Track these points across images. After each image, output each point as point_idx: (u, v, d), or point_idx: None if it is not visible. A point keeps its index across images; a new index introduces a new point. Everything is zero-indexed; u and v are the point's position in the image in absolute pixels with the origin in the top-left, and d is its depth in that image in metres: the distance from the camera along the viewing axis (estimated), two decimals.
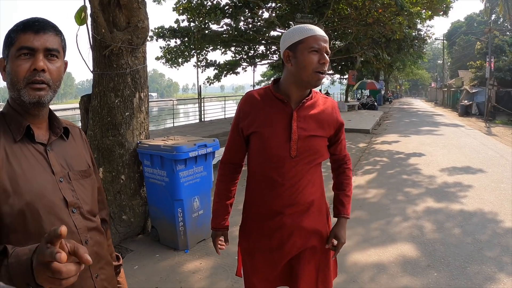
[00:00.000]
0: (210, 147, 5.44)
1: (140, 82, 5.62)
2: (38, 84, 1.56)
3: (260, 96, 2.38)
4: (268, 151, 2.28)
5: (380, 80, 48.01)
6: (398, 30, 17.43)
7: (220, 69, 25.61)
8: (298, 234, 2.36)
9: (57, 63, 1.63)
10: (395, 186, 8.86)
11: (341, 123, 2.49)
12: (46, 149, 1.67)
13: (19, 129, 1.61)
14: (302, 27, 2.24)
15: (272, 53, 26.45)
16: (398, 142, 15.74)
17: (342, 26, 20.22)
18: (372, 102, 36.68)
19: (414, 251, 5.34)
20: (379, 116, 27.33)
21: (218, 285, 4.50)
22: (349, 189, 2.64)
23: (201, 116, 23.91)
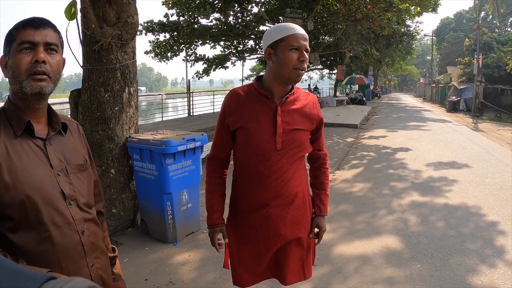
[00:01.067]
0: (199, 141, 5.50)
1: (130, 77, 5.66)
2: (40, 75, 1.64)
3: (245, 92, 2.46)
4: (255, 145, 2.36)
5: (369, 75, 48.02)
6: (387, 26, 17.47)
7: (209, 64, 25.53)
8: (283, 226, 2.44)
9: (57, 56, 1.72)
10: (381, 180, 8.98)
11: (322, 118, 2.58)
12: (45, 144, 1.74)
13: (20, 124, 1.68)
14: (283, 26, 2.33)
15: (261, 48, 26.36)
16: (386, 137, 15.88)
17: (331, 21, 20.19)
18: (360, 97, 36.76)
19: (398, 243, 5.45)
20: (367, 111, 27.45)
21: (207, 276, 4.58)
22: (328, 188, 2.77)
23: (190, 110, 23.88)
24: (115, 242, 5.36)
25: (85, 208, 1.82)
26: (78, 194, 1.79)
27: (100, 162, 5.49)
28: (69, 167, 1.81)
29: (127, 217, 5.87)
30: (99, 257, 1.88)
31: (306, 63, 2.32)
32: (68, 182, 1.77)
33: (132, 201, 5.89)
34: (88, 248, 1.79)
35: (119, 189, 5.73)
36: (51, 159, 1.73)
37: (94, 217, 1.89)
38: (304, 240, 2.55)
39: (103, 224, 2.12)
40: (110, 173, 5.60)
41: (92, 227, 1.85)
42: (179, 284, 4.43)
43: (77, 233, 1.73)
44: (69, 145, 1.88)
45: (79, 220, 1.75)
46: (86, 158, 1.96)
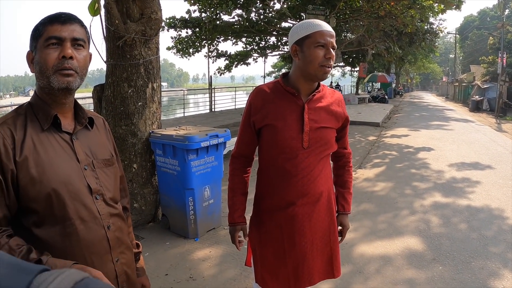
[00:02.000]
0: (222, 137, 5.50)
1: (153, 73, 5.68)
2: (67, 70, 1.62)
3: (270, 89, 2.43)
4: (282, 143, 2.33)
5: (391, 73, 47.64)
6: (410, 24, 17.29)
7: (231, 60, 25.60)
8: (309, 225, 2.42)
9: (84, 52, 1.70)
10: (404, 180, 8.87)
11: (347, 117, 2.56)
12: (72, 138, 1.74)
13: (47, 118, 1.67)
14: (309, 22, 2.30)
15: (283, 44, 26.35)
16: (408, 136, 15.68)
17: (353, 18, 20.04)
18: (382, 95, 36.40)
19: (420, 245, 5.38)
20: (389, 110, 27.17)
21: (227, 273, 4.57)
22: (352, 186, 2.77)
23: (211, 106, 23.91)
24: (136, 236, 5.37)
25: (111, 203, 1.82)
26: (104, 189, 1.78)
27: (122, 156, 5.51)
28: (95, 161, 1.80)
29: (149, 211, 5.90)
30: (124, 252, 1.88)
31: (333, 60, 2.28)
32: (94, 176, 1.76)
33: (154, 196, 5.91)
34: (114, 243, 1.79)
35: (141, 184, 5.76)
36: (77, 153, 1.72)
37: (120, 212, 1.88)
38: (330, 238, 2.53)
39: (128, 220, 2.11)
40: (132, 168, 5.64)
41: (118, 222, 1.85)
42: (199, 280, 4.43)
43: (103, 228, 1.73)
44: (96, 140, 1.87)
45: (105, 215, 1.75)
46: (112, 153, 1.96)
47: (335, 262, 2.58)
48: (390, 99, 40.23)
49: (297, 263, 2.46)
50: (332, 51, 2.26)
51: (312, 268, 2.47)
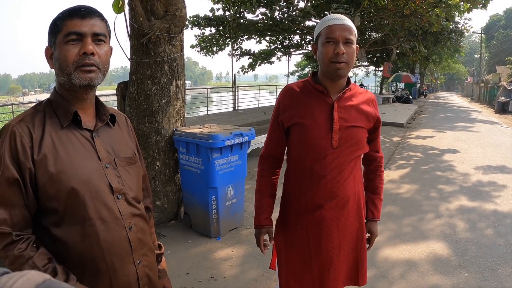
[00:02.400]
0: (246, 136, 5.46)
1: (177, 70, 5.67)
2: (88, 67, 1.57)
3: (299, 88, 2.38)
4: (310, 142, 2.27)
5: (415, 73, 47.15)
6: (435, 23, 17.05)
7: (255, 58, 25.65)
8: (337, 229, 2.34)
9: (105, 47, 1.65)
10: (429, 182, 8.72)
11: (379, 118, 2.46)
12: (93, 136, 1.69)
13: (67, 115, 1.63)
14: (323, 19, 2.26)
15: (307, 43, 26.32)
16: (433, 137, 15.45)
17: (378, 17, 19.90)
18: (407, 96, 36.03)
19: (446, 250, 5.26)
20: (413, 110, 26.91)
21: (249, 273, 4.53)
22: (382, 192, 2.68)
23: (235, 104, 23.93)
24: (158, 234, 5.39)
25: (134, 203, 1.77)
26: (126, 188, 1.73)
27: (146, 154, 5.52)
28: (117, 159, 1.75)
29: (171, 209, 5.89)
30: (147, 254, 1.83)
31: (346, 56, 2.17)
32: (116, 175, 1.71)
33: (177, 194, 5.90)
34: (136, 244, 1.74)
35: (164, 182, 5.75)
36: (99, 151, 1.68)
37: (142, 213, 1.83)
38: (357, 245, 2.45)
39: (150, 220, 2.06)
40: (155, 166, 5.63)
41: (140, 223, 1.80)
42: (221, 280, 4.40)
43: (124, 229, 1.69)
44: (118, 138, 1.82)
45: (126, 215, 1.70)
46: (134, 151, 1.91)
47: (361, 270, 2.49)
48: (414, 100, 39.82)
49: (323, 269, 2.38)
50: (343, 46, 2.16)
51: (338, 275, 2.40)
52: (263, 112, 19.48)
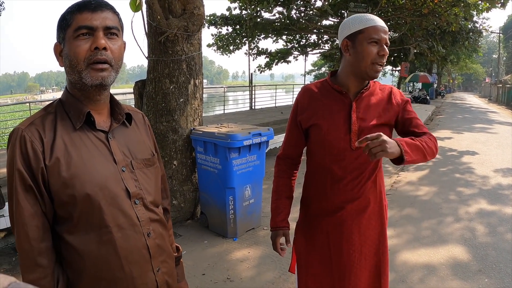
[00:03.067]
0: (265, 136, 5.42)
1: (195, 69, 5.64)
2: (101, 64, 1.48)
3: (318, 88, 2.33)
4: (328, 143, 2.21)
5: (433, 73, 46.76)
6: (453, 22, 16.86)
7: (272, 58, 25.57)
8: (358, 232, 2.28)
9: (118, 42, 1.55)
10: (448, 185, 8.60)
11: (404, 101, 2.32)
12: (108, 137, 1.60)
13: (79, 116, 1.54)
14: (363, 16, 2.17)
15: (324, 43, 26.23)
16: (451, 138, 15.30)
17: (396, 16, 19.71)
18: (424, 96, 35.76)
19: (465, 254, 5.17)
20: (431, 111, 26.68)
21: (266, 275, 4.49)
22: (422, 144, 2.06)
23: (251, 104, 23.91)
24: (174, 234, 5.35)
25: (152, 207, 1.68)
26: (144, 192, 1.64)
27: (163, 153, 5.52)
28: (134, 162, 1.65)
29: (187, 209, 5.87)
30: (166, 261, 1.75)
31: (385, 58, 2.14)
32: (133, 178, 1.62)
33: (193, 193, 5.88)
34: (154, 251, 1.65)
35: (180, 181, 5.73)
36: (114, 153, 1.59)
37: (161, 218, 1.74)
38: (379, 249, 2.37)
39: (168, 222, 1.98)
40: (172, 165, 5.61)
41: (159, 228, 1.71)
42: (237, 281, 4.37)
43: (143, 236, 1.60)
44: (135, 138, 1.72)
45: (145, 221, 1.62)
46: (153, 151, 1.81)
47: (384, 276, 2.41)
48: (432, 100, 39.51)
49: (343, 273, 2.32)
50: (386, 48, 2.12)
51: (359, 279, 2.33)
52: (280, 111, 19.41)
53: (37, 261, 1.44)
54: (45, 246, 1.47)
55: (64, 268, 1.55)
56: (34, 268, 1.44)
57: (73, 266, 1.53)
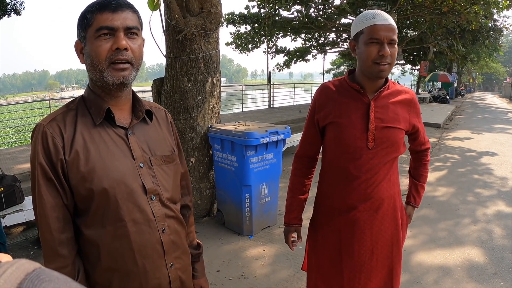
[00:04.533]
0: (282, 134, 5.41)
1: (213, 67, 5.67)
2: (122, 64, 1.50)
3: (336, 87, 2.32)
4: (345, 142, 2.21)
5: (452, 73, 46.21)
6: (474, 20, 16.65)
7: (290, 56, 25.55)
8: (370, 232, 2.28)
9: (138, 41, 1.57)
10: (466, 186, 8.49)
11: (419, 115, 2.38)
12: (127, 133, 1.61)
13: (99, 112, 1.56)
14: (364, 16, 2.15)
15: (343, 41, 26.12)
16: (470, 139, 15.08)
17: (415, 14, 19.56)
18: (444, 95, 35.35)
19: (482, 257, 5.11)
20: (450, 110, 26.34)
21: (280, 273, 4.50)
22: (426, 180, 2.67)
23: (270, 102, 23.91)
24: None
25: (168, 204, 1.68)
26: (161, 188, 1.65)
27: None
28: (153, 158, 1.66)
29: (204, 206, 5.90)
30: (181, 257, 1.76)
31: (390, 57, 2.10)
32: (151, 175, 1.63)
33: (210, 190, 5.91)
34: (168, 247, 1.67)
35: (197, 178, 5.77)
36: (133, 149, 1.60)
37: (177, 214, 1.75)
38: (392, 250, 2.37)
39: (190, 219, 2.01)
40: (189, 162, 5.65)
41: (175, 225, 1.72)
42: (251, 278, 4.38)
43: (157, 231, 1.62)
44: (155, 134, 1.72)
45: (160, 217, 1.63)
46: (173, 148, 1.80)
47: (396, 278, 2.41)
48: (452, 100, 39.06)
49: (354, 273, 2.32)
50: (387, 47, 2.07)
51: (369, 280, 2.33)
52: (298, 110, 19.38)
53: (58, 251, 1.49)
54: (66, 237, 1.52)
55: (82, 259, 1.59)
56: (55, 257, 1.49)
57: (89, 258, 1.58)
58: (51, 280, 0.41)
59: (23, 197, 5.21)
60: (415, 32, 24.02)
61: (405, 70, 58.91)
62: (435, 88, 42.57)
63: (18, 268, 0.42)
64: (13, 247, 5.31)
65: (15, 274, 0.41)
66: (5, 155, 9.01)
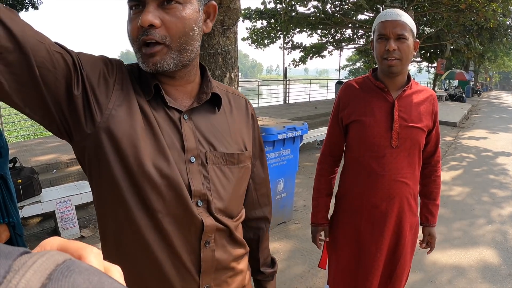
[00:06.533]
0: (299, 130, 5.42)
1: (231, 62, 5.67)
2: (149, 48, 1.14)
3: (359, 85, 2.33)
4: (369, 140, 2.22)
5: (469, 71, 45.84)
6: (491, 18, 16.43)
7: (306, 52, 25.44)
8: (389, 230, 2.29)
9: (179, 10, 1.15)
10: (481, 186, 8.45)
11: (437, 119, 2.36)
12: (182, 117, 1.26)
13: (149, 87, 1.22)
14: (378, 15, 2.19)
15: (359, 37, 25.96)
16: (487, 138, 14.96)
17: (432, 11, 19.36)
18: (460, 94, 35.04)
19: (496, 258, 5.09)
20: (467, 109, 26.13)
21: (295, 269, 4.52)
22: (438, 197, 2.56)
23: (285, 98, 23.87)
24: None
25: (219, 216, 1.30)
26: (213, 194, 1.28)
27: None
28: (210, 154, 1.29)
29: None
30: (226, 281, 1.38)
31: (399, 52, 2.09)
32: (203, 174, 1.27)
33: None
34: (207, 265, 1.29)
35: None
36: (185, 138, 1.24)
37: (232, 230, 1.36)
38: (408, 247, 2.39)
39: (266, 233, 1.71)
40: None
41: (223, 240, 1.34)
42: None
43: (198, 243, 1.27)
44: (222, 125, 1.36)
45: (208, 228, 1.26)
46: (246, 146, 1.43)
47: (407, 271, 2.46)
48: (468, 98, 38.75)
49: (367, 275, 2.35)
50: (394, 42, 2.08)
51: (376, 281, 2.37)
52: (314, 106, 19.35)
53: None
54: None
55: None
56: None
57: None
58: (81, 271, 0.41)
59: (40, 189, 5.26)
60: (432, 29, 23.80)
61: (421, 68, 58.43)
62: (452, 86, 42.21)
63: (49, 258, 0.42)
64: (30, 238, 5.37)
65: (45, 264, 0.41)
66: (22, 147, 9.08)
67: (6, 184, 4.06)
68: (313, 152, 10.12)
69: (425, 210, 2.54)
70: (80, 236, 5.37)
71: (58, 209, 5.18)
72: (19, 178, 4.97)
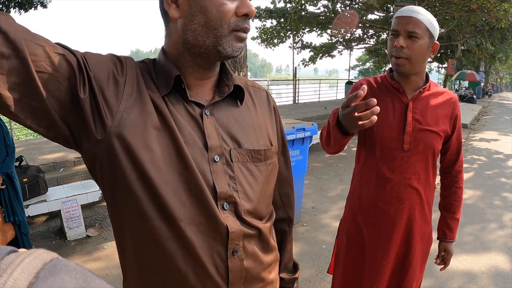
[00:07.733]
0: (308, 131, 5.34)
1: (240, 61, 5.62)
2: (245, 33, 1.15)
3: (377, 83, 2.24)
4: (380, 142, 2.14)
5: (480, 72, 45.62)
6: (503, 18, 16.37)
7: (316, 51, 25.42)
8: (397, 237, 2.21)
9: None
10: (493, 189, 8.33)
11: (459, 124, 2.23)
12: (203, 112, 1.18)
13: (167, 80, 1.14)
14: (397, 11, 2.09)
15: (369, 37, 25.89)
16: (498, 140, 14.82)
17: (443, 11, 19.27)
18: (471, 95, 34.89)
19: (508, 264, 4.99)
20: (477, 110, 25.99)
21: (303, 272, 4.43)
22: (459, 211, 2.39)
23: (295, 97, 23.84)
24: None
25: (248, 219, 1.21)
26: (241, 195, 1.19)
27: None
28: (235, 151, 1.20)
29: None
30: None
31: (407, 51, 1.99)
32: (228, 174, 1.18)
33: None
34: (235, 276, 1.19)
35: None
36: (208, 135, 1.16)
37: (262, 232, 1.27)
38: (418, 257, 2.29)
39: (290, 235, 1.58)
40: None
41: (254, 247, 1.25)
42: None
43: (225, 252, 1.17)
44: (245, 120, 1.27)
45: (234, 233, 1.17)
46: (271, 141, 1.34)
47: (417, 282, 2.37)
48: (478, 99, 38.55)
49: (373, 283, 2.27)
50: (404, 39, 1.97)
51: None
52: (324, 106, 19.29)
53: None
54: None
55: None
56: None
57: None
58: (68, 270, 0.42)
59: (46, 188, 5.25)
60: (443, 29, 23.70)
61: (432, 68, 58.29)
62: (462, 87, 42.06)
63: (36, 257, 0.42)
64: (35, 237, 5.37)
65: (32, 263, 0.41)
66: (29, 145, 9.10)
67: (12, 182, 4.05)
68: (322, 153, 9.99)
69: (443, 224, 2.40)
70: (86, 236, 5.35)
71: (64, 209, 5.16)
72: (25, 177, 4.97)
